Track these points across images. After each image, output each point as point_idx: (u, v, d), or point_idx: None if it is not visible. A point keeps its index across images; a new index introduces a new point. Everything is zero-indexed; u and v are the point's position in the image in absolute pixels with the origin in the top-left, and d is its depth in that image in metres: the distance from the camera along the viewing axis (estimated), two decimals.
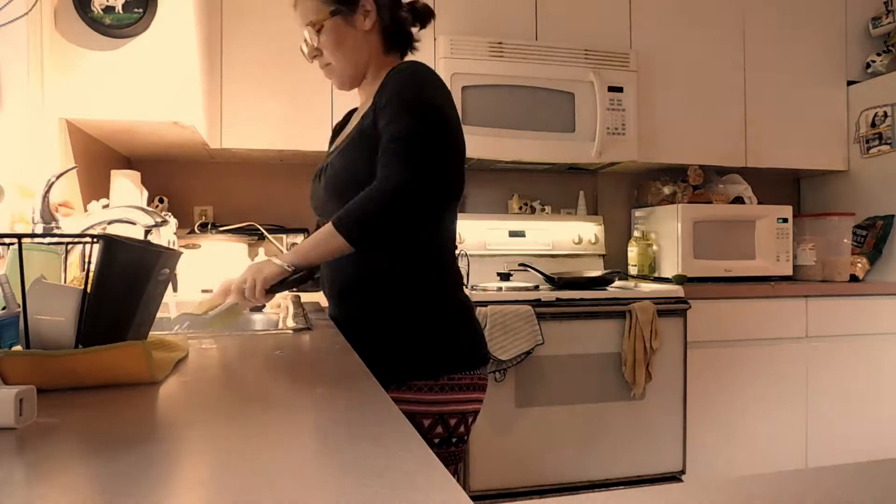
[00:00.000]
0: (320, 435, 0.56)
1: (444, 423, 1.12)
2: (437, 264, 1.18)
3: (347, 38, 1.20)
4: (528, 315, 2.19)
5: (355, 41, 1.20)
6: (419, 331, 1.14)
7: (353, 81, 1.25)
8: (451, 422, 1.13)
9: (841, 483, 0.47)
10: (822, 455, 2.60)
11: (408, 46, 1.28)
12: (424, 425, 1.11)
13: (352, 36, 1.20)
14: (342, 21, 1.19)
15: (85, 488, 0.44)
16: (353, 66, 1.22)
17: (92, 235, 0.77)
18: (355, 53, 1.21)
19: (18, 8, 1.62)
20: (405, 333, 1.14)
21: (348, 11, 1.19)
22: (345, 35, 1.20)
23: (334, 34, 1.20)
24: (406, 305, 1.15)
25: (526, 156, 2.56)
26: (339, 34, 1.20)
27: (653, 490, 0.43)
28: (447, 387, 1.12)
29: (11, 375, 0.67)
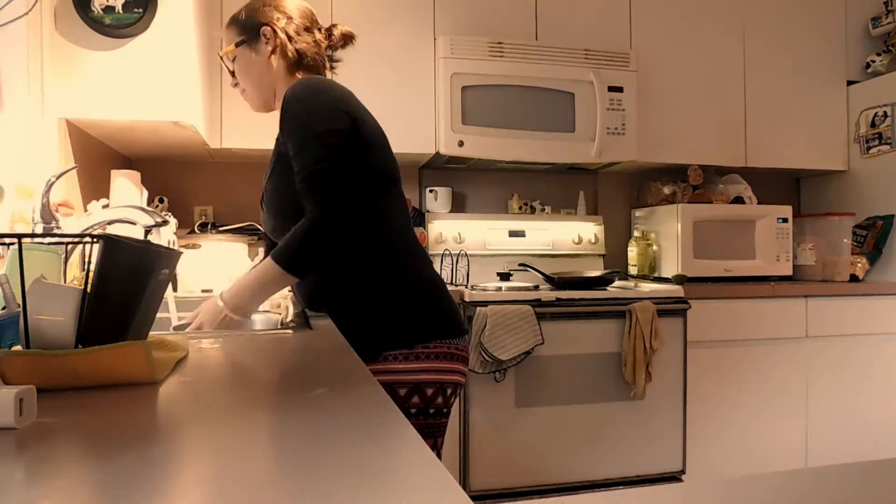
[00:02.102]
0: (320, 435, 0.56)
1: (421, 393, 1.15)
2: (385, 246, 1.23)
3: (253, 65, 1.33)
4: (528, 315, 2.19)
5: (260, 67, 1.32)
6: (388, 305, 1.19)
7: (264, 105, 1.38)
8: (428, 391, 1.16)
9: (841, 483, 0.47)
10: (822, 455, 2.60)
11: (319, 67, 1.36)
12: (400, 394, 1.14)
13: (257, 63, 1.32)
14: (248, 49, 1.32)
15: (85, 488, 0.44)
16: (260, 90, 1.35)
17: (92, 235, 0.77)
18: (260, 78, 1.33)
19: (18, 8, 1.62)
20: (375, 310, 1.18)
21: (252, 40, 1.31)
22: (250, 62, 1.33)
23: (242, 63, 1.34)
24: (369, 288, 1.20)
25: (526, 156, 2.56)
26: (245, 62, 1.33)
27: (653, 490, 0.43)
28: (422, 355, 1.16)
29: (11, 375, 0.67)
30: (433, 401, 1.16)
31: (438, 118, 2.49)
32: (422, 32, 2.55)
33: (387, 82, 2.50)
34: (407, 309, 1.19)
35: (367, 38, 2.48)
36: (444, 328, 1.21)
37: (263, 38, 1.31)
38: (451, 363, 1.19)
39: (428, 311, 1.21)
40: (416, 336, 1.17)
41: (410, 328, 1.18)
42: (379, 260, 1.21)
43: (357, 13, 2.49)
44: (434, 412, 1.17)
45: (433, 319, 1.21)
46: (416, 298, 1.21)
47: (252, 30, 1.31)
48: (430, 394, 1.16)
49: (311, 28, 1.34)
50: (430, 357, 1.17)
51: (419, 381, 1.15)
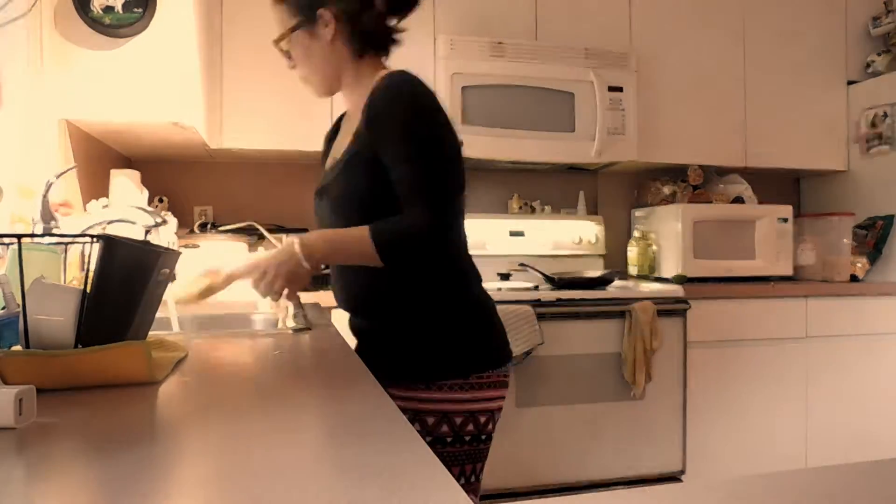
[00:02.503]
0: (320, 435, 0.56)
1: (475, 421, 1.14)
2: (452, 265, 1.19)
3: (313, 50, 1.20)
4: (528, 315, 2.19)
5: (322, 52, 1.19)
6: (445, 331, 1.15)
7: (327, 90, 1.25)
8: (482, 419, 1.14)
9: (841, 483, 0.47)
10: (822, 455, 2.60)
11: (386, 44, 1.25)
12: (456, 423, 1.12)
13: (317, 47, 1.19)
14: (305, 34, 1.19)
15: (84, 488, 0.44)
16: (322, 76, 1.22)
17: (92, 235, 0.77)
18: (323, 64, 1.21)
19: (18, 8, 1.62)
20: (432, 334, 1.15)
21: (309, 24, 1.18)
22: (310, 47, 1.20)
23: (300, 47, 1.21)
24: (428, 307, 1.16)
25: (526, 156, 2.56)
26: (304, 47, 1.20)
27: (653, 490, 0.43)
28: (476, 385, 1.14)
29: (11, 375, 0.67)
30: (485, 427, 1.16)
31: None
32: (422, 32, 2.55)
33: None
34: (464, 334, 1.16)
35: None
36: (497, 357, 1.19)
37: (322, 20, 1.17)
38: (500, 390, 1.18)
39: (483, 338, 1.19)
40: (472, 365, 1.14)
41: (467, 357, 1.15)
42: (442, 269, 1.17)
43: None
44: (485, 438, 1.16)
45: (487, 347, 1.18)
46: (473, 323, 1.18)
47: (308, 11, 1.17)
48: (484, 421, 1.15)
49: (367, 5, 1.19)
50: (484, 387, 1.15)
51: (474, 410, 1.14)
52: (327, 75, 1.22)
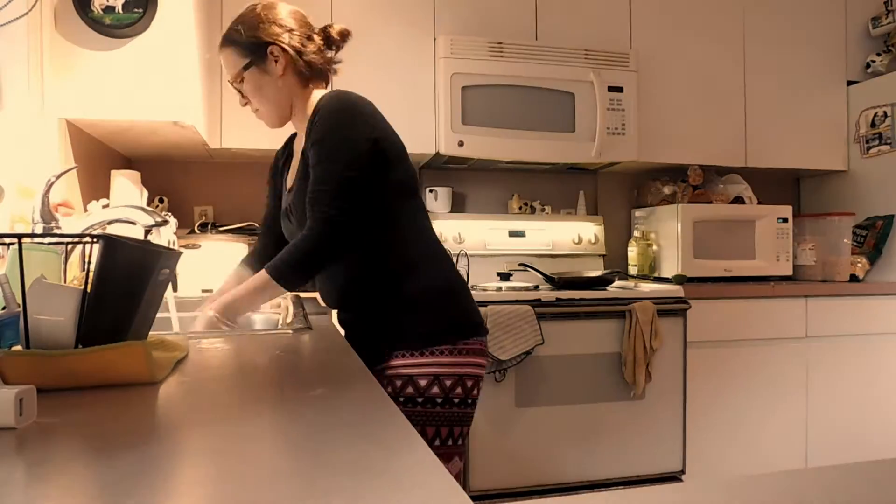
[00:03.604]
0: (320, 435, 0.56)
1: (463, 385, 1.25)
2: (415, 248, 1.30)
3: (265, 86, 1.32)
4: (529, 315, 2.19)
5: (273, 86, 1.32)
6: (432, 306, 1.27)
7: (280, 121, 1.37)
8: (468, 383, 1.26)
9: (841, 483, 0.47)
10: (822, 455, 2.60)
11: (327, 73, 1.37)
12: (447, 385, 1.23)
13: (269, 82, 1.31)
14: (257, 71, 1.31)
15: (85, 488, 0.44)
16: (276, 108, 1.34)
17: (92, 235, 0.77)
18: (277, 97, 1.32)
19: (18, 8, 1.61)
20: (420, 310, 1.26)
21: (260, 61, 1.30)
22: (262, 83, 1.32)
23: (252, 84, 1.32)
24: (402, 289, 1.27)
25: (526, 156, 2.56)
26: (256, 83, 1.32)
27: (653, 490, 0.43)
28: (464, 351, 1.25)
29: (11, 375, 0.67)
30: (471, 392, 1.26)
31: (438, 118, 2.49)
32: (422, 32, 2.55)
33: (387, 82, 2.50)
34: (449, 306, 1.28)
35: (367, 38, 2.48)
36: (478, 327, 1.30)
37: (272, 56, 1.29)
38: (482, 358, 1.30)
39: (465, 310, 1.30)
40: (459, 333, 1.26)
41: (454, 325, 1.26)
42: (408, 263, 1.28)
43: (357, 13, 2.49)
44: (471, 402, 1.27)
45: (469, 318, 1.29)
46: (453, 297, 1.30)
47: (258, 50, 1.29)
48: (470, 385, 1.26)
49: (311, 34, 1.33)
50: (471, 353, 1.26)
51: (462, 374, 1.25)
52: (280, 105, 1.34)
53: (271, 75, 1.30)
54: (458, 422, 1.25)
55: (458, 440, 1.25)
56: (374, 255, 1.27)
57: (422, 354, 1.23)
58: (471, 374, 1.26)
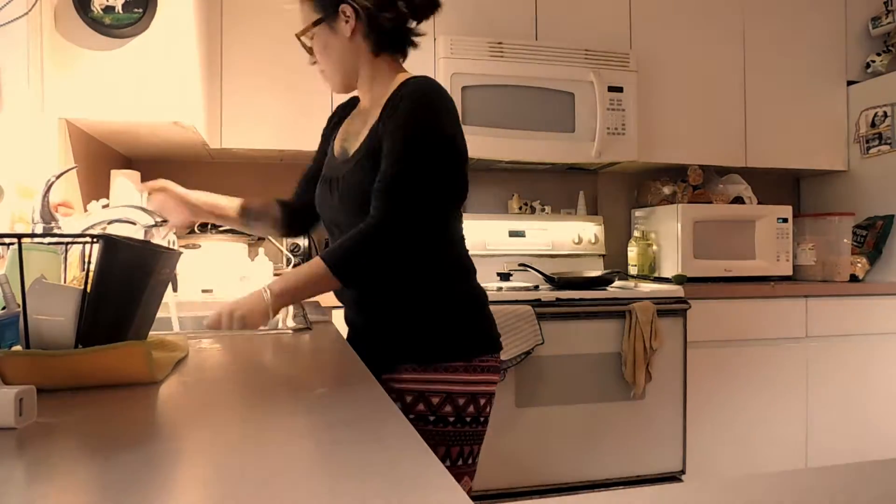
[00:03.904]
0: (320, 435, 0.56)
1: (475, 403, 1.20)
2: (448, 258, 1.24)
3: (332, 45, 1.23)
4: (528, 315, 2.19)
5: (341, 47, 1.23)
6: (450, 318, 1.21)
7: (344, 85, 1.29)
8: (481, 401, 1.21)
9: (841, 483, 0.47)
10: (822, 455, 2.60)
11: (404, 45, 1.28)
12: (459, 403, 1.18)
13: (336, 42, 1.23)
14: (326, 28, 1.22)
15: (85, 488, 0.44)
16: (341, 71, 1.25)
17: (92, 235, 0.77)
18: (342, 59, 1.24)
19: (18, 8, 1.61)
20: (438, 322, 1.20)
21: (330, 20, 1.21)
22: (329, 42, 1.23)
23: (320, 42, 1.24)
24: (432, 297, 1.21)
25: (526, 156, 2.56)
26: (324, 41, 1.23)
27: (653, 490, 0.43)
28: (478, 368, 1.20)
29: (11, 375, 0.67)
30: (483, 410, 1.21)
31: None
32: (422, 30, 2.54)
33: None
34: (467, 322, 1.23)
35: None
36: (494, 344, 1.25)
37: (342, 16, 1.20)
38: (496, 375, 1.24)
39: (483, 326, 1.25)
40: (474, 350, 1.20)
41: (470, 342, 1.21)
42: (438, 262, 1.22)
43: None
44: (483, 420, 1.22)
45: (486, 335, 1.25)
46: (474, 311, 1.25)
47: (330, 6, 1.20)
48: (482, 404, 1.21)
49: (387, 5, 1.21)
50: (485, 370, 1.21)
51: (475, 392, 1.19)
52: (345, 70, 1.25)
53: (339, 35, 1.21)
54: (469, 440, 1.20)
55: (468, 459, 1.20)
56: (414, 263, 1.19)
57: (434, 370, 1.17)
58: (483, 392, 1.21)
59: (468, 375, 1.18)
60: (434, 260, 1.21)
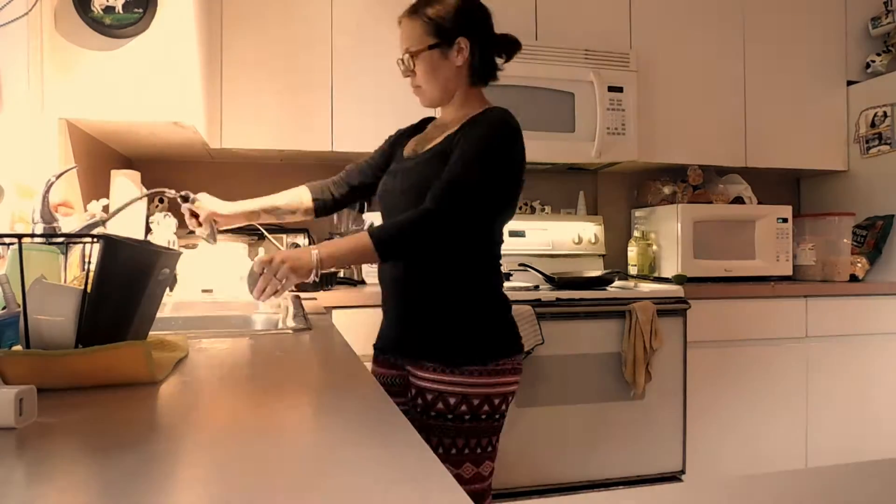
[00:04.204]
0: (320, 435, 0.56)
1: (490, 403, 1.28)
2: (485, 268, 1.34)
3: (441, 69, 1.34)
4: (529, 315, 2.19)
5: (448, 72, 1.34)
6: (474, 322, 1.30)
7: (437, 103, 1.40)
8: (496, 401, 1.29)
9: (841, 483, 0.47)
10: (822, 455, 2.60)
11: (492, 77, 1.41)
12: (474, 404, 1.26)
13: (445, 67, 1.34)
14: (438, 53, 1.33)
15: (85, 488, 0.44)
16: (441, 92, 1.37)
17: (92, 235, 0.77)
18: (447, 83, 1.36)
19: (18, 8, 1.62)
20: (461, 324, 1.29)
21: (445, 47, 1.33)
22: (438, 66, 1.34)
23: (429, 64, 1.34)
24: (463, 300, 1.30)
25: (526, 156, 2.56)
26: (433, 64, 1.34)
27: (653, 490, 0.43)
28: (494, 371, 1.28)
29: (11, 375, 0.67)
30: (499, 408, 1.30)
31: None
32: None
33: (387, 82, 2.50)
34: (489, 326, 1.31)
35: (367, 38, 2.48)
36: (514, 347, 1.33)
37: (458, 46, 1.32)
38: (515, 376, 1.33)
39: (503, 331, 1.33)
40: (492, 354, 1.28)
41: (488, 346, 1.29)
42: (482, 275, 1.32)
43: (357, 13, 2.49)
44: (499, 416, 1.30)
45: (506, 339, 1.33)
46: (497, 318, 1.33)
47: (446, 35, 1.32)
48: (497, 403, 1.29)
49: (495, 38, 1.37)
50: (502, 373, 1.29)
51: (490, 394, 1.28)
52: (447, 92, 1.37)
53: (449, 62, 1.33)
54: (485, 433, 1.28)
55: (486, 447, 1.29)
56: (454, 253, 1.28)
57: (452, 372, 1.26)
58: (499, 393, 1.29)
59: (484, 378, 1.26)
60: (475, 266, 1.31)
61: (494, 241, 1.35)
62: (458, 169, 1.22)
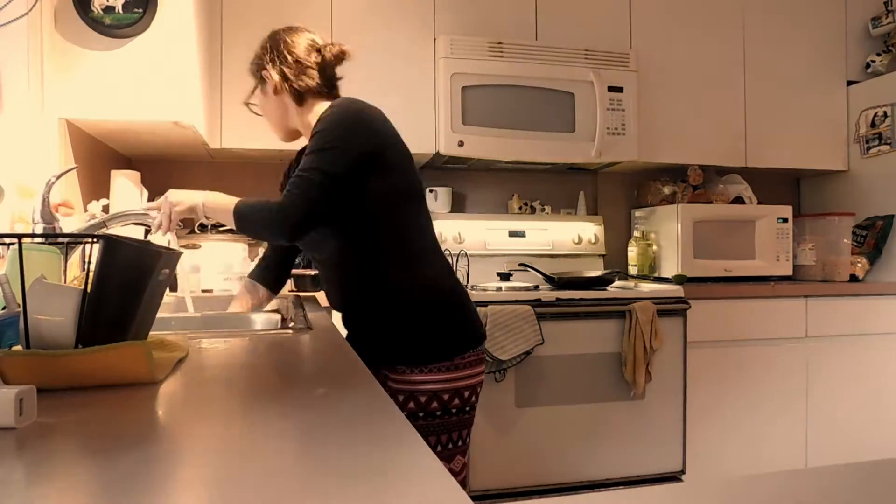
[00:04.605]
0: (320, 435, 0.56)
1: (460, 396, 1.32)
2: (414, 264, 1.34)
3: (267, 104, 1.46)
4: (529, 315, 2.19)
5: (272, 105, 1.44)
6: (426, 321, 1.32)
7: (284, 135, 1.49)
8: (466, 394, 1.33)
9: (841, 483, 0.47)
10: (822, 455, 2.60)
11: (328, 88, 1.44)
12: (444, 399, 1.30)
13: (268, 101, 1.45)
14: (260, 92, 1.46)
15: (85, 488, 0.44)
16: (277, 123, 1.47)
17: (92, 235, 0.77)
18: (276, 114, 1.45)
19: (18, 8, 1.62)
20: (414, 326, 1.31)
21: (261, 83, 1.45)
22: (264, 103, 1.46)
23: (259, 104, 1.48)
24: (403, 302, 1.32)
25: (526, 156, 2.56)
26: (261, 103, 1.48)
27: (653, 490, 0.43)
28: (460, 365, 1.31)
29: (11, 375, 0.67)
30: (469, 400, 1.34)
31: (438, 118, 2.49)
32: (422, 32, 2.55)
33: (387, 82, 2.50)
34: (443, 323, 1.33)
35: (367, 37, 2.48)
36: (474, 338, 1.35)
37: (267, 80, 1.42)
38: (480, 367, 1.37)
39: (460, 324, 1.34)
40: (455, 349, 1.31)
41: (449, 343, 1.32)
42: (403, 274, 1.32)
43: (357, 13, 2.49)
44: (469, 408, 1.34)
45: (466, 332, 1.34)
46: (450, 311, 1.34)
47: (258, 73, 1.44)
48: (467, 395, 1.33)
49: (307, 59, 1.40)
50: (466, 366, 1.32)
51: (458, 388, 1.31)
52: (279, 121, 1.46)
53: (268, 96, 1.44)
54: (457, 427, 1.32)
55: (457, 442, 1.33)
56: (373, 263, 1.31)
57: (420, 371, 1.29)
58: (467, 386, 1.33)
59: (450, 374, 1.30)
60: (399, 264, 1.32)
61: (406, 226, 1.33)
62: (302, 163, 1.27)
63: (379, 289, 1.32)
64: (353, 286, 1.35)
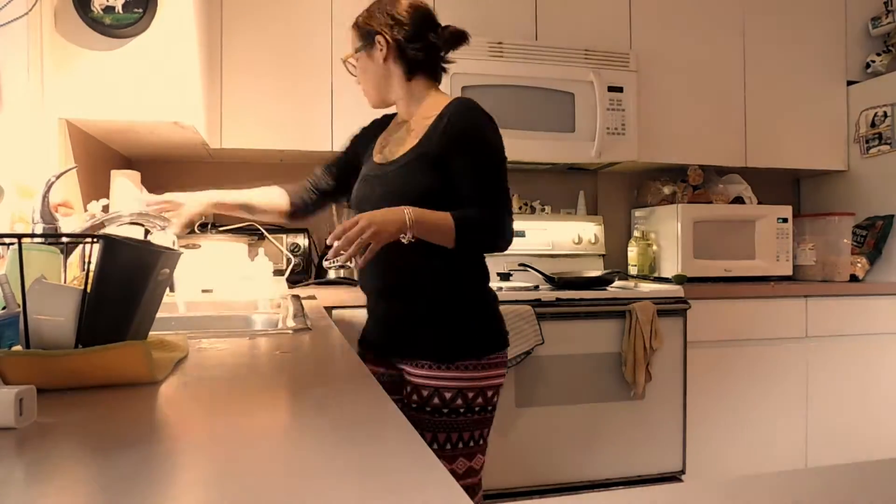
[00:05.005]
0: (320, 435, 0.56)
1: (484, 395, 1.35)
2: (473, 263, 1.40)
3: (370, 70, 1.43)
4: (529, 315, 2.19)
5: (377, 72, 1.43)
6: (466, 318, 1.36)
7: (380, 103, 1.47)
8: (489, 393, 1.36)
9: (841, 483, 0.47)
10: (822, 455, 2.60)
11: (436, 70, 1.46)
12: (469, 397, 1.32)
13: (373, 68, 1.43)
14: (365, 55, 1.43)
15: (85, 488, 0.44)
16: (376, 90, 1.45)
17: (92, 235, 0.77)
18: (377, 81, 1.44)
19: (18, 8, 1.62)
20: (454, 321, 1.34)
21: (368, 47, 1.42)
22: (367, 66, 1.44)
23: (360, 65, 1.46)
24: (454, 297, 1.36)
25: (526, 156, 2.56)
26: (362, 66, 1.45)
27: (653, 490, 0.43)
28: (487, 365, 1.34)
29: (11, 375, 0.67)
30: (492, 400, 1.37)
31: None
32: None
33: None
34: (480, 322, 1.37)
35: None
36: (503, 341, 1.39)
37: (378, 45, 1.40)
38: (503, 369, 1.39)
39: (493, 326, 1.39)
40: (485, 349, 1.35)
41: (482, 342, 1.35)
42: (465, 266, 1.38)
43: (357, 13, 2.48)
44: (491, 408, 1.37)
45: (496, 334, 1.39)
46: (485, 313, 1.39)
47: (368, 37, 1.41)
48: (490, 395, 1.36)
49: (426, 31, 1.41)
50: (493, 367, 1.36)
51: (483, 387, 1.34)
52: (380, 89, 1.44)
53: (376, 61, 1.41)
54: (478, 426, 1.35)
55: (479, 440, 1.36)
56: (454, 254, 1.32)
57: (447, 368, 1.31)
58: (492, 385, 1.36)
59: (478, 372, 1.33)
60: (462, 263, 1.37)
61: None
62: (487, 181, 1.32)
63: (452, 280, 1.35)
64: (424, 272, 1.34)
